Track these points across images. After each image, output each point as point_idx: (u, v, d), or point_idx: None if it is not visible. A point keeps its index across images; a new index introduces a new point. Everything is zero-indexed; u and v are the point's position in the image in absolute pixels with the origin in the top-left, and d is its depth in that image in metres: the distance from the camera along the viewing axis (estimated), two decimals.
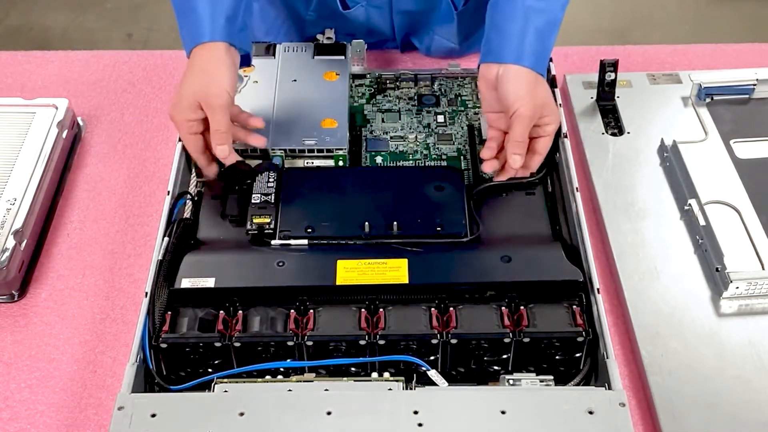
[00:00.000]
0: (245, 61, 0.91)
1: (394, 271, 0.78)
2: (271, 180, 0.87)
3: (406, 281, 0.78)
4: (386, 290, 0.77)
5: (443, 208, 0.85)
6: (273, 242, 0.83)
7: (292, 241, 0.82)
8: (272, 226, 0.83)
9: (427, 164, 0.95)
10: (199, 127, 0.87)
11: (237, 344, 0.74)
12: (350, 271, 0.78)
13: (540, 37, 0.88)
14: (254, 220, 0.83)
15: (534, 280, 0.77)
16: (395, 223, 0.83)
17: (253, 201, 0.85)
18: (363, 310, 0.76)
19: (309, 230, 0.83)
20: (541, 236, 0.84)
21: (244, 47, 0.89)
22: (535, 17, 0.87)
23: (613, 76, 1.04)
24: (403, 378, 0.71)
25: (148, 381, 0.74)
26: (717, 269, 0.86)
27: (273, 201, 0.85)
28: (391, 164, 0.95)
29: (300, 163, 0.93)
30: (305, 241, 0.82)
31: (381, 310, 0.76)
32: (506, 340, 0.74)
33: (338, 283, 0.78)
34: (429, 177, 0.89)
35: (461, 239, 0.82)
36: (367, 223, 0.83)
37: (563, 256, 0.80)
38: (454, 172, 0.90)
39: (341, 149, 0.93)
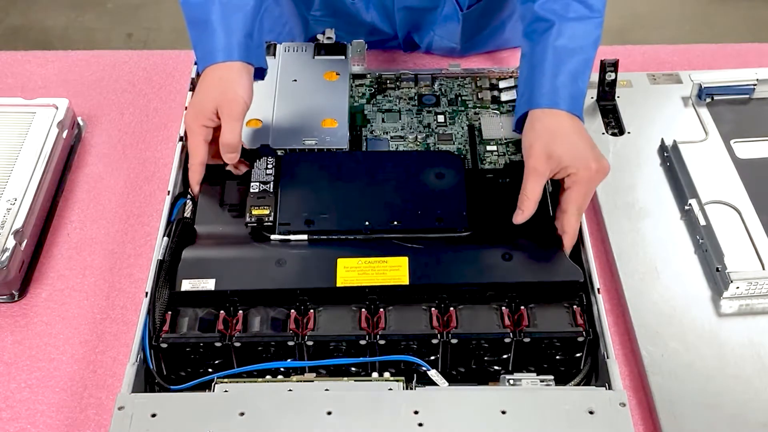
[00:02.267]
0: (259, 75, 0.91)
1: (395, 270, 0.78)
2: (269, 166, 0.87)
3: (407, 282, 0.77)
4: (387, 291, 0.77)
5: (444, 199, 0.85)
6: (273, 237, 0.82)
7: (292, 237, 0.82)
8: (271, 218, 0.83)
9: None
10: (210, 136, 0.86)
11: (237, 344, 0.74)
12: (350, 271, 0.78)
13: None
14: (253, 212, 0.83)
15: (535, 281, 0.77)
16: (395, 215, 0.83)
17: (251, 190, 0.85)
18: (363, 310, 0.76)
19: (309, 223, 0.83)
20: (542, 225, 0.84)
21: (261, 63, 0.89)
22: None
23: (613, 76, 1.04)
24: (403, 378, 0.71)
25: (148, 381, 0.74)
26: (717, 269, 0.86)
27: (272, 190, 0.85)
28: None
29: None
30: (305, 236, 0.82)
31: (381, 310, 0.76)
32: (506, 340, 0.74)
33: (339, 284, 0.77)
34: (429, 162, 0.89)
35: (461, 234, 0.82)
36: (366, 218, 0.82)
37: (564, 253, 0.80)
38: (454, 157, 0.90)
39: (341, 149, 0.93)
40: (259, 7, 0.88)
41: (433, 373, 0.73)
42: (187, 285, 0.77)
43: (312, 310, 0.76)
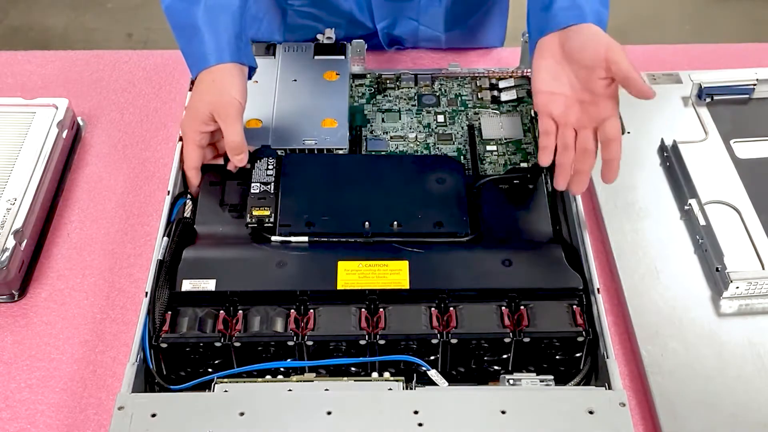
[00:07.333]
0: (249, 74, 0.91)
1: (395, 274, 0.78)
2: (270, 167, 0.87)
3: (407, 286, 0.77)
4: (387, 295, 0.77)
5: (444, 203, 0.85)
6: (273, 238, 0.82)
7: (293, 238, 0.82)
8: (272, 219, 0.83)
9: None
10: (206, 140, 0.87)
11: (237, 344, 0.74)
12: (351, 274, 0.78)
13: None
14: (254, 213, 0.83)
15: (534, 288, 0.77)
16: (396, 219, 0.83)
17: (252, 190, 0.85)
18: (363, 309, 0.76)
19: (309, 225, 0.83)
20: (542, 232, 0.84)
21: (251, 62, 0.89)
22: None
23: None
24: (403, 378, 0.71)
25: (148, 381, 0.74)
26: (717, 269, 0.86)
27: (272, 191, 0.85)
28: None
29: None
30: (306, 238, 0.82)
31: (381, 309, 0.76)
32: (506, 340, 0.74)
33: (339, 287, 0.77)
34: (429, 166, 0.89)
35: (462, 238, 0.82)
36: (367, 220, 0.82)
37: (563, 259, 0.80)
38: (456, 162, 0.90)
39: (341, 149, 0.93)
40: (244, 6, 0.88)
41: (433, 373, 0.73)
42: (187, 285, 0.77)
43: (312, 310, 0.76)
